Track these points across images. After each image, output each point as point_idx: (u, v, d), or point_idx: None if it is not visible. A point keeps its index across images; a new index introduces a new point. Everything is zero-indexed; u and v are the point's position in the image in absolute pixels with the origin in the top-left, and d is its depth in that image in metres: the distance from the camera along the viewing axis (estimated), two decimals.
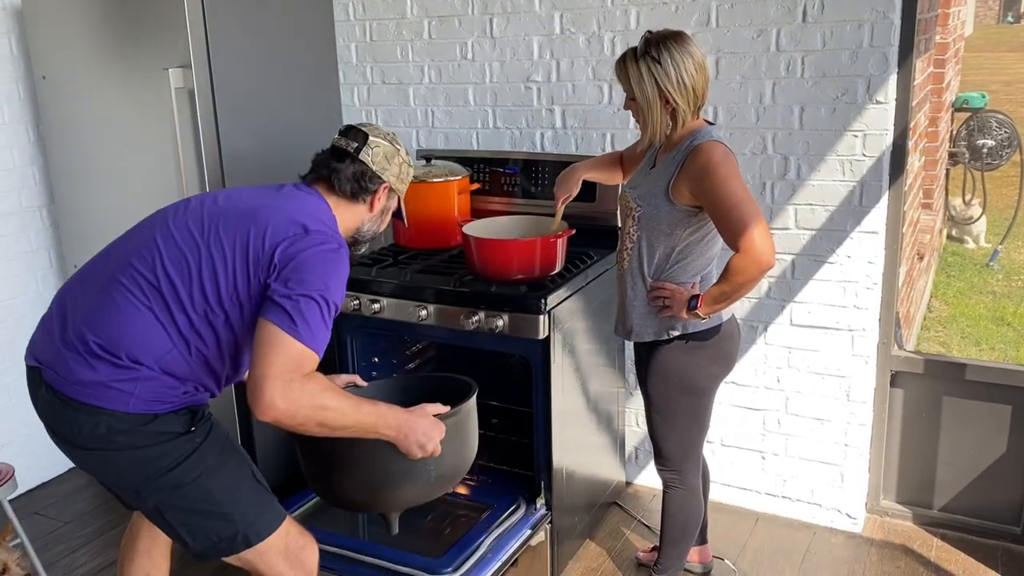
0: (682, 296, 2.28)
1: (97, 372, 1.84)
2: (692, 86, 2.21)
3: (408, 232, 3.06)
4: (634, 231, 2.34)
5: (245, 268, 1.87)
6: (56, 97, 3.24)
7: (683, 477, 2.50)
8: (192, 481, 1.90)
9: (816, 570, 2.84)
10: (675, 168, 2.24)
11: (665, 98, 2.20)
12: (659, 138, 2.27)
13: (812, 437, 3.02)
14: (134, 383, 1.85)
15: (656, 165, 2.35)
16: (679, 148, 2.26)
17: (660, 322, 2.35)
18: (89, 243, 3.34)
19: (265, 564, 1.98)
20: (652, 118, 2.23)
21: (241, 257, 1.88)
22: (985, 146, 5.90)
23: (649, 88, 2.20)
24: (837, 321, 2.90)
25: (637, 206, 2.32)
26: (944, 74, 4.95)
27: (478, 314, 2.56)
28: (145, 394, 1.86)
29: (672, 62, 2.18)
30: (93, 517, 3.27)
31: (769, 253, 2.10)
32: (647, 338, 2.39)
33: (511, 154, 3.23)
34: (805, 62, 2.76)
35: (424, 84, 3.41)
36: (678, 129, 2.26)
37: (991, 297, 5.76)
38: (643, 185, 2.35)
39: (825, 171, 2.81)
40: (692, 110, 2.25)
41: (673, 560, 2.60)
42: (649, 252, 2.32)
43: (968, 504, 2.99)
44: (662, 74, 2.18)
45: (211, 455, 1.94)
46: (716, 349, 2.38)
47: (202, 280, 1.88)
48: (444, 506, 2.79)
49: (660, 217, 2.27)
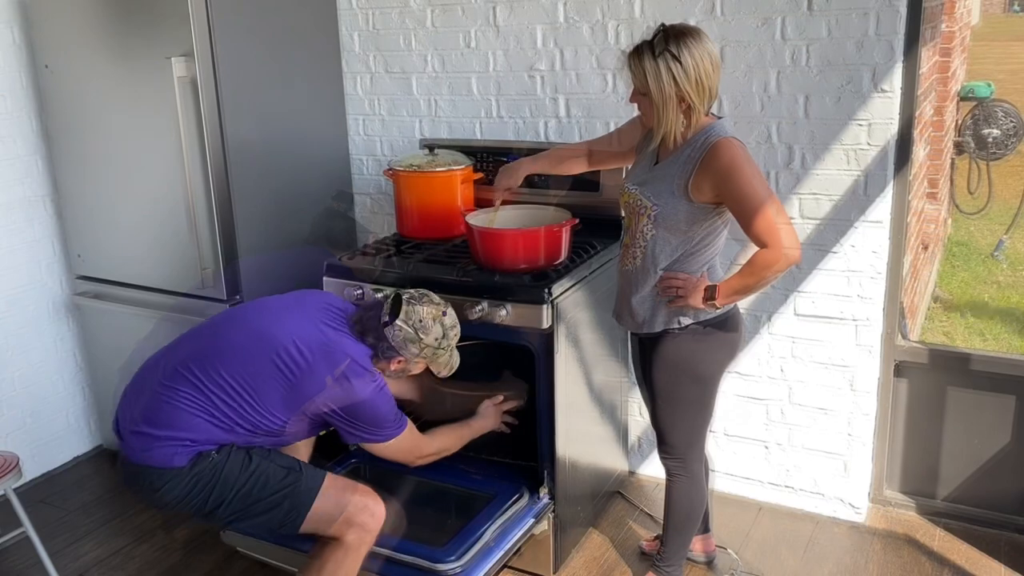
0: (696, 286, 2.27)
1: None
2: (709, 86, 2.19)
3: (411, 222, 3.06)
4: (648, 229, 2.32)
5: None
6: (59, 87, 3.23)
7: (687, 466, 2.50)
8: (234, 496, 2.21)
9: (819, 560, 2.84)
10: (692, 166, 2.22)
11: (681, 96, 2.17)
12: (673, 137, 2.24)
13: (816, 427, 3.02)
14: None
15: (660, 161, 2.33)
16: (692, 145, 2.24)
17: (670, 312, 2.35)
18: (92, 233, 3.36)
19: (321, 530, 2.27)
20: (667, 116, 2.20)
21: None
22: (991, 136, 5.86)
23: (667, 85, 2.16)
24: (841, 311, 2.89)
25: (653, 204, 2.29)
26: (950, 63, 4.93)
27: (481, 304, 2.55)
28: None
29: (692, 60, 2.15)
30: (98, 506, 3.29)
31: (797, 248, 2.15)
32: (657, 328, 2.38)
33: (515, 144, 3.22)
34: (810, 51, 2.74)
35: (427, 73, 3.40)
36: (691, 127, 2.24)
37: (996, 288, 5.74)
38: (652, 182, 2.32)
39: (830, 161, 2.80)
40: (706, 109, 2.23)
41: (676, 550, 2.60)
42: (665, 248, 2.31)
43: (972, 494, 2.99)
44: (681, 72, 2.15)
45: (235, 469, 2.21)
46: (725, 337, 2.38)
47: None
48: (447, 496, 2.80)
49: (678, 216, 2.26)
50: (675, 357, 2.38)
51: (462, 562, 2.37)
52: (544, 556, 2.74)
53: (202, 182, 2.98)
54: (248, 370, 2.16)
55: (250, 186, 3.11)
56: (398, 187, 3.06)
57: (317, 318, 2.26)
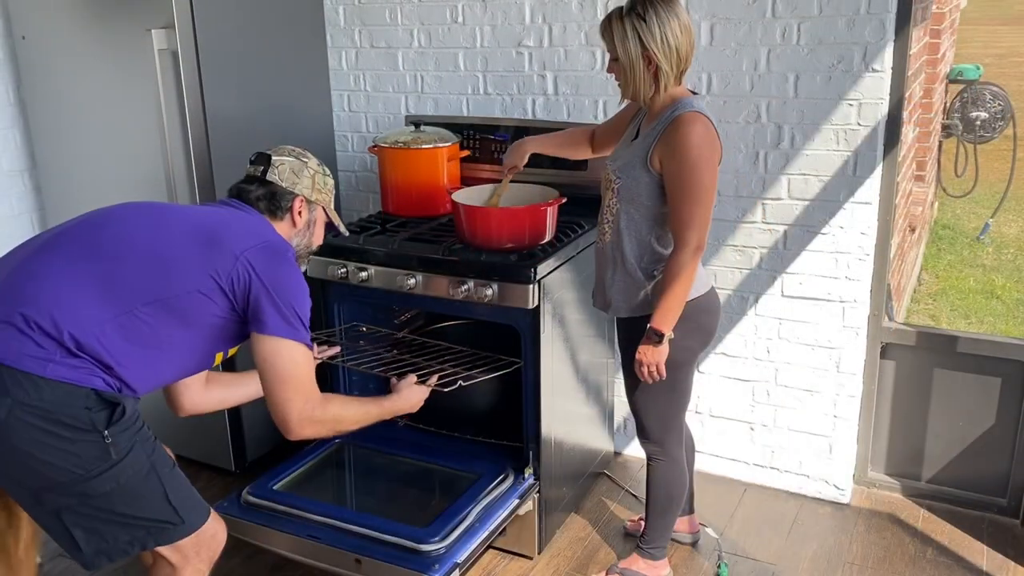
0: (654, 347, 2.25)
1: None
2: (676, 47, 2.17)
3: (396, 199, 3.02)
4: (614, 203, 2.31)
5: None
6: (37, 58, 3.16)
7: (665, 449, 2.50)
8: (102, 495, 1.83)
9: (803, 540, 2.85)
10: (655, 137, 2.21)
11: (648, 58, 2.17)
12: (641, 98, 2.25)
13: (801, 408, 3.02)
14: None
15: (638, 137, 2.31)
16: (660, 118, 2.23)
17: (637, 299, 2.33)
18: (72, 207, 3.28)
19: (170, 554, 1.95)
20: (635, 77, 2.20)
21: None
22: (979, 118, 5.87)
23: (632, 46, 2.16)
24: (828, 292, 2.88)
25: (616, 178, 2.29)
26: (940, 44, 4.91)
27: (467, 283, 2.53)
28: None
29: (657, 20, 2.14)
30: None
31: (700, 249, 2.20)
32: (623, 314, 2.38)
33: (502, 121, 3.18)
34: (801, 29, 2.71)
35: (413, 48, 3.35)
36: (660, 93, 2.22)
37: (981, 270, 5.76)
38: (623, 156, 2.32)
39: (819, 141, 2.78)
40: (675, 73, 2.21)
41: (660, 531, 2.60)
42: (630, 225, 2.29)
43: (955, 476, 3.00)
44: (646, 32, 2.14)
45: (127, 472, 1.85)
46: (693, 323, 2.33)
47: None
48: (432, 476, 2.78)
49: (639, 188, 2.24)
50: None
51: (446, 542, 2.35)
52: (529, 536, 2.73)
53: (183, 156, 2.93)
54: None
55: (231, 161, 3.04)
56: (383, 164, 3.01)
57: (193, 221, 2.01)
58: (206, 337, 1.96)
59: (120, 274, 1.86)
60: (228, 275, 1.90)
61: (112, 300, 1.83)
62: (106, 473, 1.81)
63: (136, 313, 1.84)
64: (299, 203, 2.13)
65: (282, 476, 2.68)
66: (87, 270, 1.85)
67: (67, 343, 1.77)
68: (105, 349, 1.81)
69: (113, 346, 1.82)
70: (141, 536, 1.89)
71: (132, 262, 1.88)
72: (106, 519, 1.85)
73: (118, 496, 1.84)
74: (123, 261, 1.88)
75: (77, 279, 1.84)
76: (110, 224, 1.96)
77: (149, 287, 1.86)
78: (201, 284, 1.89)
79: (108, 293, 1.83)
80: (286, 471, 2.71)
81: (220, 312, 1.93)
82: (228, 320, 1.95)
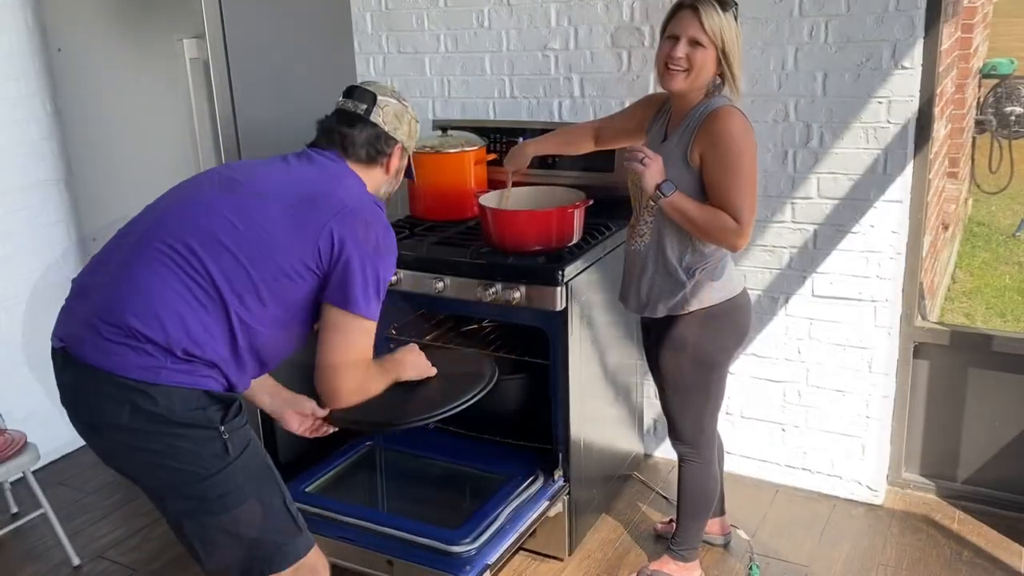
0: (657, 169, 2.21)
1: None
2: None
3: (424, 203, 3.04)
4: (653, 204, 2.30)
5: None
6: (72, 70, 3.23)
7: (698, 451, 2.49)
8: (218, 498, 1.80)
9: (835, 542, 2.83)
10: (691, 134, 2.21)
11: (727, 53, 2.17)
12: (690, 91, 2.21)
13: (833, 409, 2.99)
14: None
15: (668, 138, 2.30)
16: (692, 116, 2.22)
17: (675, 298, 2.32)
18: (107, 216, 3.35)
19: None
20: (708, 68, 2.17)
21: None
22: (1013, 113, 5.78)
23: (728, 37, 2.16)
24: (860, 292, 2.85)
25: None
26: (972, 39, 4.84)
27: (495, 286, 2.54)
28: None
29: (738, 22, 2.19)
30: (116, 488, 3.30)
31: (746, 239, 2.18)
32: (661, 313, 2.36)
33: (528, 124, 3.19)
34: (829, 27, 2.69)
35: (440, 53, 3.37)
36: (711, 91, 2.24)
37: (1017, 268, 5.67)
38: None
39: (849, 139, 2.75)
40: (733, 80, 2.22)
41: (691, 533, 2.59)
42: (670, 224, 2.28)
43: (992, 476, 2.96)
44: (736, 29, 2.18)
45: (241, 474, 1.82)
46: (731, 322, 2.35)
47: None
48: (462, 478, 2.80)
49: (680, 186, 2.23)
50: (680, 343, 2.36)
51: (477, 544, 2.36)
52: (559, 538, 2.73)
53: (215, 163, 2.97)
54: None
55: None
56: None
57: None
58: (299, 322, 1.90)
59: (221, 272, 1.79)
60: (318, 253, 1.81)
61: (216, 301, 1.79)
62: (224, 471, 1.77)
63: (239, 312, 1.79)
64: (399, 150, 2.02)
65: (314, 478, 2.72)
66: (189, 273, 1.79)
67: (175, 350, 1.74)
68: (214, 350, 1.78)
69: (219, 346, 1.79)
70: (257, 555, 1.82)
71: (228, 259, 1.80)
72: (223, 529, 1.79)
73: (234, 498, 1.78)
74: (218, 259, 1.80)
75: (179, 288, 1.78)
76: (199, 216, 1.86)
77: (246, 283, 1.80)
78: (291, 269, 1.82)
79: (209, 296, 1.78)
80: (318, 474, 2.74)
81: (309, 291, 1.86)
82: (312, 298, 1.87)
